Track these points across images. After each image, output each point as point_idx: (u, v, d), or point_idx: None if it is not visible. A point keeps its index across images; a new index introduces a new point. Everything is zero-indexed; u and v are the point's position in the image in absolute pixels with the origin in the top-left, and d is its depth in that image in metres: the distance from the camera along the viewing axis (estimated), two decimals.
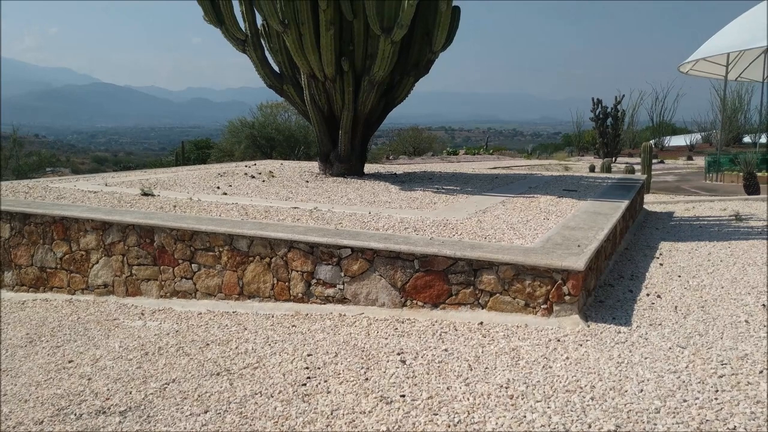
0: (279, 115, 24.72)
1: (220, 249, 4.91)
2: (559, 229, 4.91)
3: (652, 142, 24.87)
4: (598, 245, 4.35)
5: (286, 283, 4.68)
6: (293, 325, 4.22)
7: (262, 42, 8.56)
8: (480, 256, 4.06)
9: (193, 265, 5.03)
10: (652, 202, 9.97)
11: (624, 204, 6.24)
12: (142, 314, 4.86)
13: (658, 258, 5.59)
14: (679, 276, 4.89)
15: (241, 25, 8.41)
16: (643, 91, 31.05)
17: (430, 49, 7.97)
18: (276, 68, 8.77)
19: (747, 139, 24.31)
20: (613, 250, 5.57)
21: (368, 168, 9.93)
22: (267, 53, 8.64)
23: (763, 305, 4.10)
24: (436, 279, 4.20)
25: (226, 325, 4.36)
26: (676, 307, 4.12)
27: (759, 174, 12.45)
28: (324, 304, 4.55)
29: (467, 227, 4.98)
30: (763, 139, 20.91)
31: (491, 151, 30.91)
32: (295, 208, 5.88)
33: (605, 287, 4.63)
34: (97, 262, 5.47)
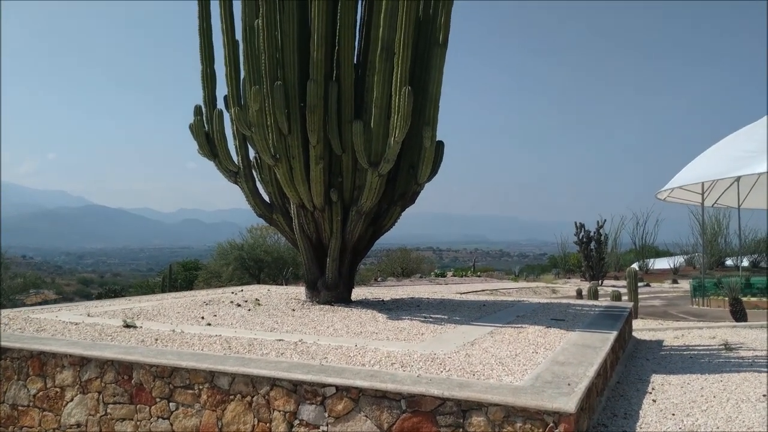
0: (269, 237, 25.01)
1: (200, 386, 4.74)
2: (548, 364, 4.83)
3: (636, 265, 25.21)
4: (588, 383, 4.27)
5: (268, 425, 4.49)
6: None
7: (254, 173, 8.87)
8: (469, 396, 3.94)
9: (171, 403, 4.83)
10: (641, 329, 9.92)
11: (613, 336, 6.20)
12: None
13: (650, 393, 5.46)
14: (673, 414, 4.76)
15: (234, 158, 8.75)
16: (624, 216, 31.96)
17: (415, 181, 8.27)
18: (266, 197, 9.01)
19: (729, 262, 24.74)
20: (605, 385, 5.46)
21: (356, 293, 9.90)
22: (258, 183, 8.93)
23: None
24: (424, 420, 4.05)
25: None
26: None
27: (744, 299, 12.53)
28: None
29: (455, 362, 4.88)
30: (744, 263, 21.29)
31: (478, 273, 31.10)
32: (280, 340, 5.78)
33: (599, 427, 4.48)
34: (72, 400, 5.24)
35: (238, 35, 8.13)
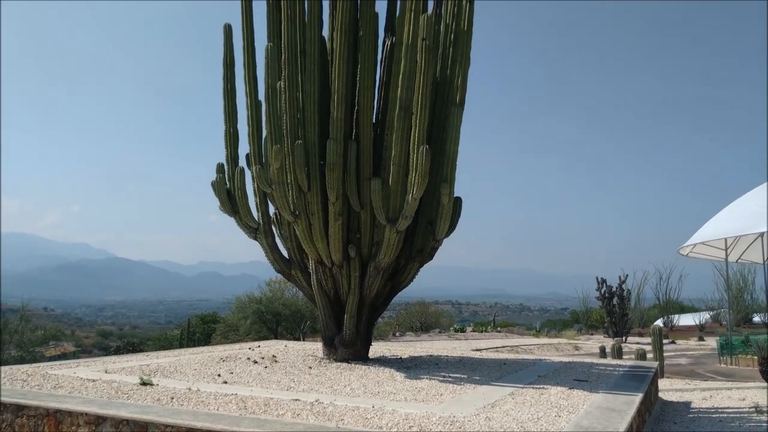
0: (287, 290, 24.99)
1: None
2: (571, 428, 4.68)
3: (660, 321, 24.63)
4: None
5: None
6: None
7: (273, 229, 8.97)
8: None
9: None
10: (668, 389, 9.61)
11: (638, 398, 6.01)
12: None
13: None
14: None
15: (254, 214, 8.87)
16: (647, 270, 31.28)
17: (433, 237, 8.28)
18: (285, 253, 9.07)
19: (757, 318, 24.06)
20: None
21: (373, 349, 9.78)
22: (277, 239, 9.01)
23: None
24: None
25: None
26: None
27: None
28: None
29: (475, 425, 4.75)
30: None
31: (498, 328, 30.59)
32: (296, 400, 5.70)
33: None
34: None
35: (261, 96, 8.38)
